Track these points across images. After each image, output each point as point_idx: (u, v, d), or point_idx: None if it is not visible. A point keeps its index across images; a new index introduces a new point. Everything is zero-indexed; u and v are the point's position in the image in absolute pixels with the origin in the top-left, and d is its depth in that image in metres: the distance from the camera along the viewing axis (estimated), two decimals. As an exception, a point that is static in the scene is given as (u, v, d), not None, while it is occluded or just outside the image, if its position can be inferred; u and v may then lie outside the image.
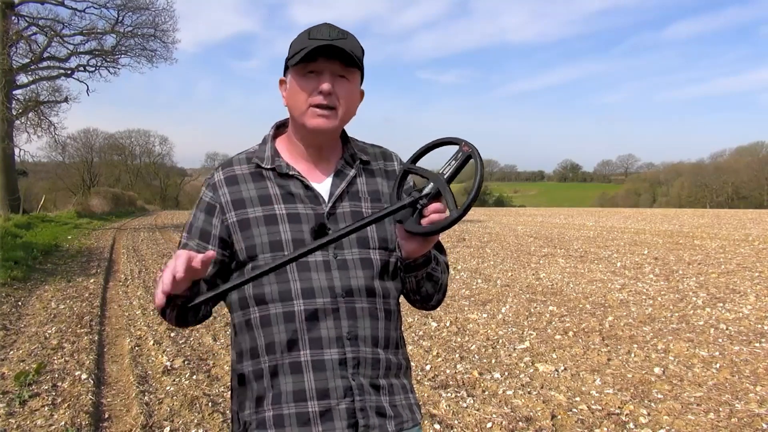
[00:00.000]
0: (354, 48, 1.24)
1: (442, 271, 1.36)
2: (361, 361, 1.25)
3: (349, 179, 1.32)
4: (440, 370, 4.45)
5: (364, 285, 1.27)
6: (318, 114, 1.24)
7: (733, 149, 61.57)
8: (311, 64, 1.23)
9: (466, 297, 7.24)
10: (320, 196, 1.29)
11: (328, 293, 1.24)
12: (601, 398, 3.85)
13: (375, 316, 1.28)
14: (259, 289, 1.26)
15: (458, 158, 1.19)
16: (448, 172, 1.19)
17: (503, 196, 73.95)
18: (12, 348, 5.13)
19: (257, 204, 1.28)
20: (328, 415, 1.22)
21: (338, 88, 1.24)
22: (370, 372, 1.26)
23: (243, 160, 1.35)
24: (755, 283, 7.88)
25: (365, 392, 1.25)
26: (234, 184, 1.31)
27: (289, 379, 1.24)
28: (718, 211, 30.69)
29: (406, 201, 1.18)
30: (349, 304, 1.25)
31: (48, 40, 22.41)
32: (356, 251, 1.28)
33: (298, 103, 1.26)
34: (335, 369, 1.23)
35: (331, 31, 1.24)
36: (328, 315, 1.24)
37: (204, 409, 3.71)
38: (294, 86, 1.26)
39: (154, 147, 55.97)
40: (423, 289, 1.33)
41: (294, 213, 1.27)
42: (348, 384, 1.23)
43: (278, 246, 1.25)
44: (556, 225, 20.13)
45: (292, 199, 1.29)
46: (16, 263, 9.33)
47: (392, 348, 1.33)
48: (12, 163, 22.32)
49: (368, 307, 1.28)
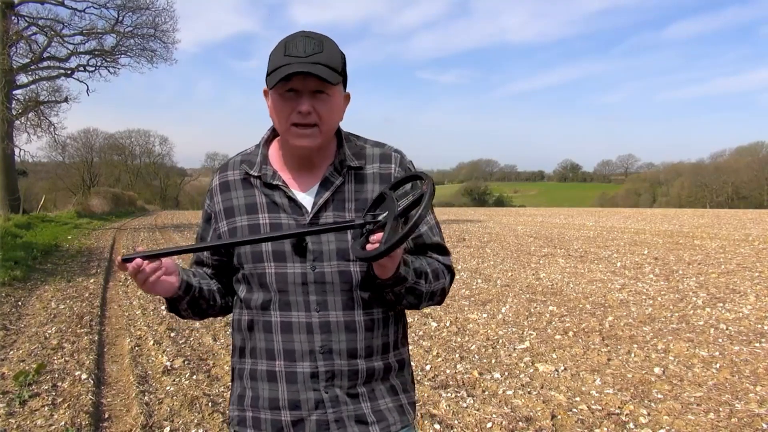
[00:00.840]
0: (331, 60, 1.20)
1: (430, 281, 1.30)
2: (336, 373, 1.26)
3: (335, 188, 1.30)
4: (440, 370, 4.45)
5: (341, 299, 1.27)
6: (299, 134, 1.23)
7: (733, 149, 61.60)
8: (288, 83, 1.20)
9: (466, 297, 7.24)
10: (303, 207, 1.29)
11: (302, 306, 1.26)
12: (601, 398, 3.86)
13: (352, 329, 1.27)
14: (248, 294, 1.32)
15: (415, 194, 1.18)
16: (402, 206, 1.19)
17: (503, 196, 73.96)
18: (12, 348, 5.13)
19: (243, 213, 1.32)
20: (300, 425, 1.26)
21: (318, 105, 1.22)
22: (347, 383, 1.27)
23: (237, 164, 1.37)
24: (755, 283, 7.88)
25: (340, 403, 1.26)
26: (227, 191, 1.35)
27: (266, 386, 1.29)
28: (718, 211, 30.70)
29: (355, 222, 1.20)
30: (323, 318, 1.26)
31: (48, 40, 22.43)
32: (335, 263, 1.26)
33: (280, 122, 1.26)
34: (306, 382, 1.26)
35: (307, 45, 1.20)
36: (302, 329, 1.26)
37: (204, 409, 3.71)
38: (275, 105, 1.25)
39: (154, 147, 56.02)
40: (404, 302, 1.30)
41: (277, 223, 1.29)
42: (320, 397, 1.25)
43: (259, 257, 1.28)
44: (556, 225, 20.13)
45: (276, 209, 1.30)
46: (16, 263, 9.34)
47: (379, 354, 1.31)
48: (12, 163, 22.33)
49: (345, 320, 1.27)
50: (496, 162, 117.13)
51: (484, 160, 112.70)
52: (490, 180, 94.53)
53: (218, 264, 1.39)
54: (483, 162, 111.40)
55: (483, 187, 73.96)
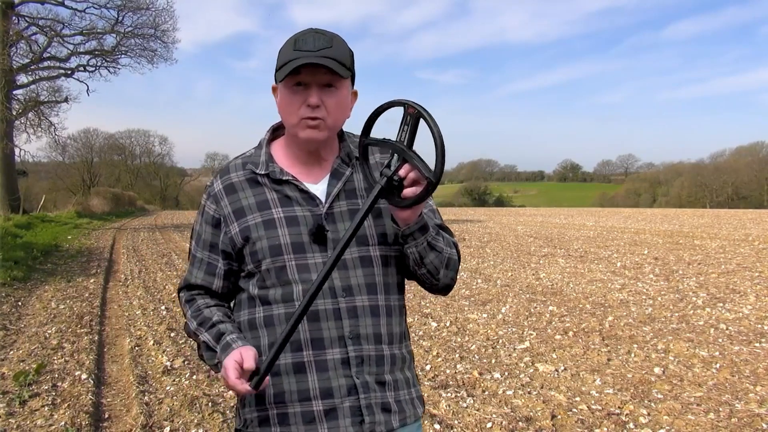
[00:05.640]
0: (340, 55, 1.23)
1: (446, 244, 1.34)
2: (365, 359, 1.27)
3: (346, 178, 1.33)
4: (440, 370, 4.45)
5: (364, 282, 1.29)
6: (308, 126, 1.25)
7: (733, 149, 61.55)
8: (297, 77, 1.23)
9: (466, 297, 7.24)
10: (317, 198, 1.30)
11: (328, 294, 1.26)
12: (601, 398, 3.86)
13: (377, 313, 1.30)
14: (263, 291, 1.30)
15: (408, 122, 1.18)
16: (406, 138, 1.18)
17: (503, 196, 73.97)
18: (12, 348, 5.13)
19: (255, 210, 1.30)
20: (333, 413, 1.25)
21: (326, 98, 1.24)
22: (375, 369, 1.28)
23: (239, 166, 1.36)
24: (755, 283, 7.88)
25: (370, 389, 1.27)
26: (233, 193, 1.34)
27: (293, 379, 1.26)
28: (718, 211, 30.69)
29: (381, 185, 1.19)
30: (350, 303, 1.27)
31: (48, 40, 22.41)
32: (355, 249, 1.29)
33: (288, 116, 1.27)
34: (338, 369, 1.25)
35: (317, 40, 1.22)
36: (329, 315, 1.26)
37: (204, 409, 3.71)
38: (283, 99, 1.27)
39: (154, 147, 56.02)
40: (427, 260, 1.30)
41: (291, 216, 1.29)
42: (351, 382, 1.26)
43: (277, 250, 1.27)
44: (556, 225, 20.13)
45: (289, 203, 1.30)
46: (16, 263, 9.33)
47: (396, 342, 1.34)
48: (12, 163, 22.32)
49: (369, 305, 1.29)
50: (496, 162, 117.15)
51: (484, 160, 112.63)
52: (490, 180, 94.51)
53: (228, 270, 1.37)
54: (483, 162, 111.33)
55: (483, 187, 73.95)
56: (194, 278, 1.39)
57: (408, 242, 1.28)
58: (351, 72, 1.27)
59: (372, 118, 1.26)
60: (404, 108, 1.18)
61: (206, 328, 1.32)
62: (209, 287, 1.38)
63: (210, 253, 1.37)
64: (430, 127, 1.14)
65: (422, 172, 1.15)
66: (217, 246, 1.35)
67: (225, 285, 1.38)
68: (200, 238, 1.38)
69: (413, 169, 1.17)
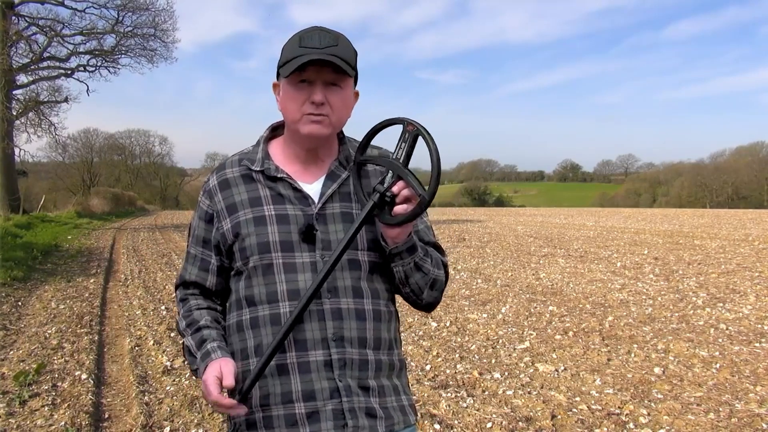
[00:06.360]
0: (345, 54, 1.23)
1: (434, 265, 1.33)
2: (347, 362, 1.25)
3: (341, 180, 1.32)
4: (440, 370, 4.45)
5: (351, 285, 1.28)
6: (311, 120, 1.24)
7: (733, 149, 61.60)
8: (303, 74, 1.23)
9: (466, 297, 7.24)
10: (309, 197, 1.30)
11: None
12: (601, 398, 3.86)
13: (362, 317, 1.28)
14: (249, 290, 1.29)
15: (406, 139, 1.18)
16: (402, 156, 1.19)
17: (503, 196, 73.99)
18: (12, 348, 5.13)
19: (247, 206, 1.30)
20: (315, 416, 1.23)
21: (330, 96, 1.24)
22: (357, 373, 1.26)
23: (235, 163, 1.36)
24: (755, 283, 7.89)
25: (353, 393, 1.25)
26: (227, 189, 1.33)
27: (277, 381, 1.25)
28: (718, 211, 30.69)
29: (374, 200, 1.20)
30: (335, 305, 1.26)
31: (48, 40, 22.41)
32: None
33: (291, 112, 1.27)
34: (320, 371, 1.24)
35: (323, 38, 1.22)
36: (313, 316, 1.25)
37: (204, 409, 3.71)
38: (286, 95, 1.27)
39: (154, 147, 56.00)
40: (411, 280, 1.30)
41: (282, 214, 1.28)
42: (334, 385, 1.24)
43: (265, 248, 1.27)
44: (556, 225, 20.12)
45: (282, 200, 1.30)
46: (16, 263, 9.33)
47: (384, 348, 1.32)
48: (12, 163, 22.32)
49: (355, 308, 1.28)
50: (496, 162, 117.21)
51: (484, 160, 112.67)
52: (490, 180, 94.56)
53: (221, 266, 1.37)
54: (483, 162, 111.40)
55: (483, 187, 73.99)
56: (188, 275, 1.39)
57: (395, 261, 1.28)
58: (355, 71, 1.27)
59: (370, 135, 1.26)
60: (403, 125, 1.19)
61: (192, 331, 1.32)
62: (203, 284, 1.38)
63: (203, 249, 1.36)
64: (428, 145, 1.14)
65: (416, 190, 1.16)
66: (210, 242, 1.35)
67: (219, 282, 1.37)
68: (194, 234, 1.38)
69: (407, 186, 1.18)
